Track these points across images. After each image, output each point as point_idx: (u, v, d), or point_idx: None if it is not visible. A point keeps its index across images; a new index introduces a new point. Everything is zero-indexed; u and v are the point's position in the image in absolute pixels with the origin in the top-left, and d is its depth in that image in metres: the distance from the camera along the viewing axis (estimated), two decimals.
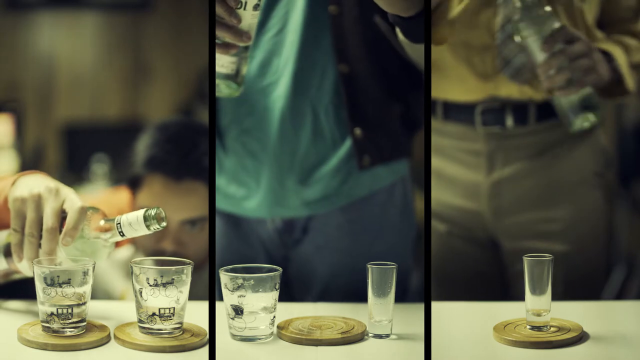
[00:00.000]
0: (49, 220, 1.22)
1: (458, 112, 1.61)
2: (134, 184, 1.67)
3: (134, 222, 1.22)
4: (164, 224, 1.22)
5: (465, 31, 1.53)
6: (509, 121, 1.59)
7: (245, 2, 1.28)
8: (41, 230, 1.23)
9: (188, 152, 1.63)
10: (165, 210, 1.62)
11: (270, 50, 1.49)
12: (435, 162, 1.66)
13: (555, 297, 1.39)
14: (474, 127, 1.60)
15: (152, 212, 1.21)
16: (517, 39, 1.47)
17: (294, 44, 1.47)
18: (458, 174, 1.64)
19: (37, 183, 1.26)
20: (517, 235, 1.63)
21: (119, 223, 1.23)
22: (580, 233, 1.64)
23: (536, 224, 1.63)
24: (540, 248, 1.60)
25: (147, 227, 1.21)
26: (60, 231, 1.23)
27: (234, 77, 1.35)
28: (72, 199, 1.24)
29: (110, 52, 4.67)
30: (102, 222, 1.25)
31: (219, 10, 1.26)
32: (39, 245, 1.23)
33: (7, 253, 1.29)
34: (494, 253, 1.67)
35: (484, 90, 1.56)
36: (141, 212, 1.22)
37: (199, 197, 1.63)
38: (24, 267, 1.27)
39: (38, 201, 1.24)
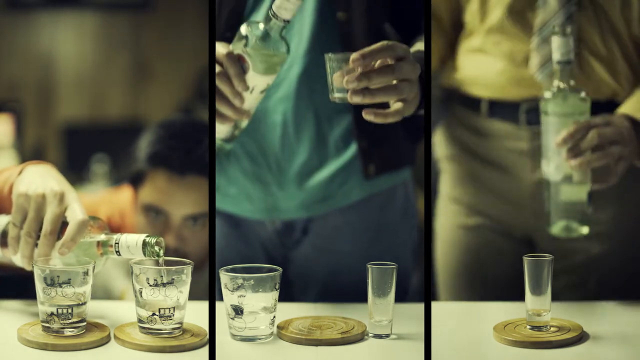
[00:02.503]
0: (48, 225, 1.22)
1: (502, 109, 1.61)
2: (137, 181, 1.67)
3: (132, 246, 1.22)
4: (162, 252, 1.22)
5: (507, 36, 1.55)
6: None
7: (254, 87, 1.29)
8: (39, 231, 1.23)
9: (191, 148, 1.63)
10: (168, 205, 1.63)
11: None
12: (478, 160, 1.67)
13: (599, 298, 1.40)
14: (518, 125, 1.60)
15: (153, 240, 1.21)
16: (544, 117, 1.45)
17: (299, 47, 1.45)
18: (501, 171, 1.64)
19: (43, 181, 1.26)
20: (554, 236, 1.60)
21: (117, 243, 1.23)
22: (622, 234, 1.63)
23: None
24: (577, 248, 1.61)
25: (144, 253, 1.21)
26: (59, 237, 1.23)
27: (229, 140, 1.38)
28: (75, 209, 1.24)
29: (110, 52, 4.67)
30: (102, 236, 1.25)
31: (225, 88, 1.28)
32: (35, 245, 1.23)
33: (3, 242, 1.29)
34: (528, 251, 1.65)
35: (529, 88, 1.56)
36: (142, 237, 1.22)
37: (201, 193, 1.64)
38: (17, 260, 1.27)
39: (41, 202, 1.23)
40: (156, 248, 1.21)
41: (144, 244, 1.21)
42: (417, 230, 1.62)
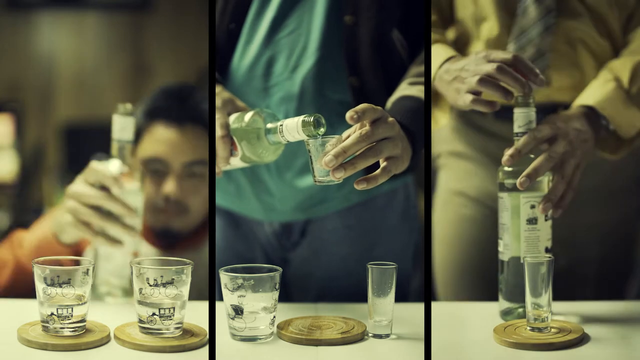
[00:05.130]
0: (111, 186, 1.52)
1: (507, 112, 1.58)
2: (135, 140, 1.69)
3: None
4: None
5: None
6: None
7: (234, 165, 1.34)
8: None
9: (186, 98, 1.71)
10: (168, 154, 1.68)
11: (279, 50, 1.45)
12: (485, 157, 1.66)
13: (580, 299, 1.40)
14: None
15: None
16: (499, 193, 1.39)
17: (305, 49, 1.44)
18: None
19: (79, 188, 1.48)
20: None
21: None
22: (614, 239, 1.64)
23: (568, 228, 1.57)
24: (567, 253, 1.60)
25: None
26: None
27: None
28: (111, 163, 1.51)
29: (110, 52, 4.67)
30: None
31: (219, 150, 1.31)
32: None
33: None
34: None
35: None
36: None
37: (200, 141, 1.69)
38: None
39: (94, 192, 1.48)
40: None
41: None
42: (418, 231, 1.61)
